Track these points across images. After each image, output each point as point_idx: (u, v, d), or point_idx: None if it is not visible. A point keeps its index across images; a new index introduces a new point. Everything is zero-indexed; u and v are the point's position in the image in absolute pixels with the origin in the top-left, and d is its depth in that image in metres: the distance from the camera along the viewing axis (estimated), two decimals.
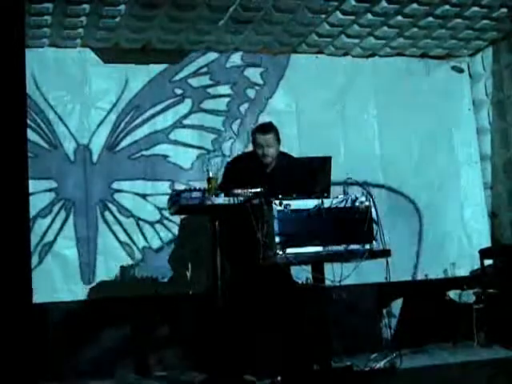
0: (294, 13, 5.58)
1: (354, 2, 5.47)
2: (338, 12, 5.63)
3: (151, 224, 5.89)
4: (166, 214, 5.69)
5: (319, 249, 4.25)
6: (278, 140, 4.91)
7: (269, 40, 6.08)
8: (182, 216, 5.72)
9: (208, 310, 4.68)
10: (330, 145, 6.13)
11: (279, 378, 4.50)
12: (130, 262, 5.78)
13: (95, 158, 5.84)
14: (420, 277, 6.38)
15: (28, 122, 5.31)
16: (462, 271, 6.50)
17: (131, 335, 5.57)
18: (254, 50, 6.27)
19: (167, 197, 4.73)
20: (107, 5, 5.16)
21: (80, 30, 5.57)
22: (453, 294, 6.18)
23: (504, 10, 5.76)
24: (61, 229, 5.70)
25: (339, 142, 6.37)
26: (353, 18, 5.75)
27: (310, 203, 4.28)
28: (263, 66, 6.34)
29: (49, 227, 5.66)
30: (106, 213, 5.82)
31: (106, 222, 5.81)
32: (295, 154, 5.26)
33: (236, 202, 4.37)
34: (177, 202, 4.45)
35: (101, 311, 5.54)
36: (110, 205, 5.83)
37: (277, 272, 4.55)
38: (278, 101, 6.35)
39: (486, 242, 6.61)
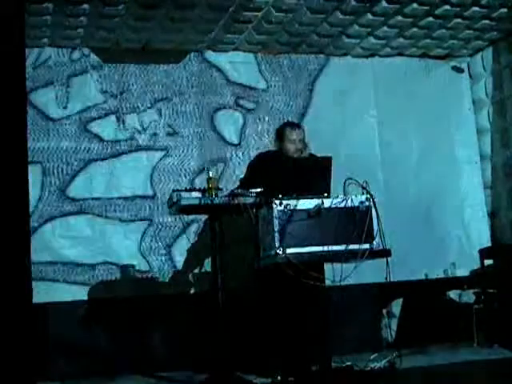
0: (293, 13, 5.58)
1: (353, 2, 5.48)
2: (337, 12, 5.63)
3: None
4: None
5: (319, 249, 4.25)
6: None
7: (269, 40, 6.09)
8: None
9: (208, 309, 4.68)
10: (330, 145, 6.13)
11: (279, 378, 4.51)
12: None
13: None
14: (420, 277, 6.39)
15: None
16: (462, 271, 6.50)
17: (131, 335, 5.57)
18: (254, 50, 6.28)
19: None
20: (107, 5, 5.16)
21: (80, 30, 5.58)
22: (453, 293, 6.18)
23: (504, 10, 5.76)
24: None
25: (339, 142, 6.37)
26: (353, 17, 5.75)
27: (309, 203, 4.28)
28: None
29: None
30: None
31: None
32: None
33: (236, 202, 4.38)
34: (177, 202, 4.46)
35: (101, 311, 5.55)
36: None
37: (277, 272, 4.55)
38: (278, 101, 6.36)
39: (486, 242, 6.61)
